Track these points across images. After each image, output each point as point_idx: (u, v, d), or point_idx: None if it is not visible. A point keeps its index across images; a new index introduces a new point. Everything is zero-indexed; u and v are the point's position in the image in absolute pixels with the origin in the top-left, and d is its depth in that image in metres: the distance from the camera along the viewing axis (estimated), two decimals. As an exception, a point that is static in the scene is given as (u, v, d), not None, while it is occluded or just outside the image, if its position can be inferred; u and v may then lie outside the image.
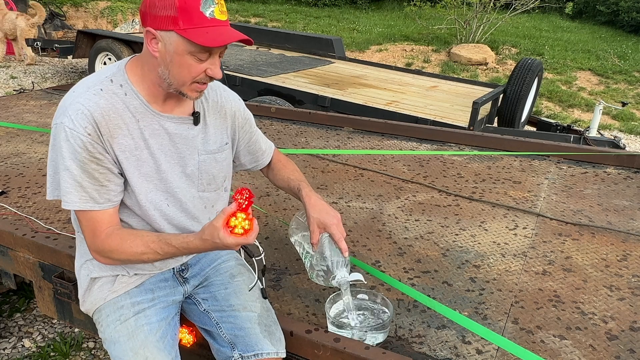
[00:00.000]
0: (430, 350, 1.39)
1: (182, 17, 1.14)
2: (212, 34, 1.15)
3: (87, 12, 11.82)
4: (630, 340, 1.45)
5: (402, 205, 2.27)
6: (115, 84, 1.24)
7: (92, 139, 1.19)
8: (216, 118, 1.41)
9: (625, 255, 1.89)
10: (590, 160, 2.83)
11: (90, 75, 1.29)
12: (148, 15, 1.17)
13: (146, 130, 1.27)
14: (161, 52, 1.18)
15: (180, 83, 1.21)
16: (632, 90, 8.55)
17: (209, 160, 1.39)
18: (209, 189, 1.42)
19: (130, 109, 1.24)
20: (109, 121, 1.21)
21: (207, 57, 1.19)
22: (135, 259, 1.27)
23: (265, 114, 3.58)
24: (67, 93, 1.26)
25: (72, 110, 1.19)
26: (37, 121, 3.32)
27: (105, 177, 1.23)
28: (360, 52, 10.23)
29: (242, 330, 1.33)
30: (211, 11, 1.16)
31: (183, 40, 1.15)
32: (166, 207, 1.34)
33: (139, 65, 1.26)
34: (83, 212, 1.24)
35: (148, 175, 1.29)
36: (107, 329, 1.32)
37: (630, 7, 12.47)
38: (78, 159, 1.19)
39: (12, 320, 2.62)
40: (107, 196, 1.25)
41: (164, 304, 1.37)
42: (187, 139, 1.33)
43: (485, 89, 5.40)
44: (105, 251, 1.26)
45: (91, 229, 1.25)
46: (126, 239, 1.25)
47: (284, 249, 1.87)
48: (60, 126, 1.19)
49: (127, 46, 6.66)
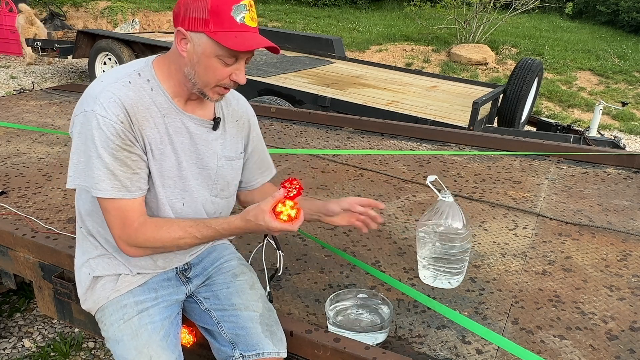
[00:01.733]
0: (430, 350, 1.39)
1: (213, 20, 1.16)
2: (241, 39, 1.18)
3: (87, 12, 11.82)
4: (630, 340, 1.45)
5: (402, 205, 2.27)
6: (143, 78, 1.26)
7: (124, 127, 1.20)
8: (234, 127, 1.44)
9: (625, 255, 1.89)
10: (590, 160, 2.83)
11: (116, 68, 1.30)
12: (180, 16, 1.20)
13: (170, 126, 1.29)
14: (189, 52, 1.21)
15: (204, 84, 1.24)
16: (632, 90, 8.55)
17: (226, 167, 1.41)
18: (222, 195, 1.44)
19: (157, 104, 1.26)
20: (137, 112, 1.22)
21: (234, 62, 1.22)
22: (171, 244, 1.27)
23: (265, 114, 3.58)
24: (94, 83, 1.26)
25: (104, 98, 1.19)
26: (37, 121, 3.32)
27: (137, 164, 1.24)
28: (360, 52, 10.23)
29: (244, 330, 1.33)
30: (242, 17, 1.18)
31: (212, 42, 1.18)
32: (181, 206, 1.35)
33: (166, 63, 1.28)
34: (113, 201, 1.22)
35: (169, 171, 1.31)
36: (110, 327, 1.32)
37: (630, 7, 12.47)
38: (110, 146, 1.19)
39: (12, 320, 2.62)
40: (139, 184, 1.25)
41: (167, 303, 1.37)
42: (207, 142, 1.35)
43: (485, 89, 5.41)
44: (138, 241, 1.25)
45: (121, 219, 1.24)
46: (162, 226, 1.26)
47: (284, 249, 1.87)
48: (91, 114, 1.19)
49: (127, 46, 6.66)
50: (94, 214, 1.33)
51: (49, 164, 2.61)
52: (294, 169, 2.66)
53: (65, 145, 2.89)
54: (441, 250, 1.62)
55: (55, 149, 2.82)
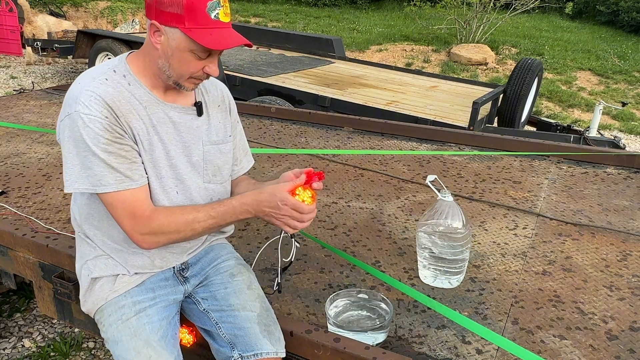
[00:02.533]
0: (430, 350, 1.39)
1: (188, 16, 1.17)
2: (216, 37, 1.19)
3: (87, 12, 11.82)
4: (630, 340, 1.45)
5: (402, 205, 2.27)
6: (119, 74, 1.27)
7: (109, 121, 1.20)
8: (218, 111, 1.45)
9: (625, 255, 1.89)
10: (590, 160, 2.83)
11: (90, 69, 1.31)
12: (154, 9, 1.20)
13: (153, 117, 1.30)
14: (163, 45, 1.22)
15: (178, 76, 1.26)
16: (632, 90, 8.55)
17: (213, 151, 1.42)
18: (215, 180, 1.44)
19: (136, 97, 1.27)
20: (120, 105, 1.23)
21: (207, 55, 1.24)
22: (185, 227, 1.27)
23: (265, 114, 3.58)
24: (72, 86, 1.27)
25: (85, 97, 1.20)
26: (37, 121, 3.32)
27: (131, 154, 1.25)
28: (360, 52, 10.23)
29: (242, 330, 1.33)
30: (216, 13, 1.20)
31: (186, 38, 1.19)
32: (175, 194, 1.35)
33: (140, 58, 1.30)
34: (118, 194, 1.23)
35: (159, 160, 1.31)
36: (109, 328, 1.32)
37: (630, 7, 12.47)
38: (101, 142, 1.19)
39: (12, 320, 2.62)
40: (140, 172, 1.26)
41: (165, 302, 1.37)
42: (191, 129, 1.36)
43: (485, 89, 5.41)
44: (152, 229, 1.26)
45: (130, 212, 1.24)
46: (174, 210, 1.29)
47: (284, 249, 1.87)
48: (75, 115, 1.20)
49: (127, 46, 6.66)
50: (90, 216, 1.34)
51: (49, 164, 2.61)
52: (294, 169, 2.65)
53: (65, 145, 2.89)
54: (441, 250, 1.62)
55: (55, 149, 2.82)
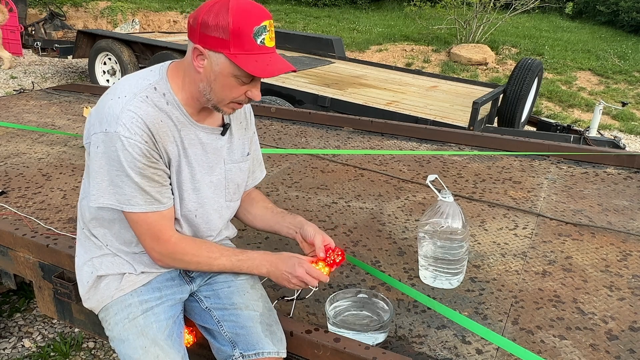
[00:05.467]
0: (430, 350, 1.39)
1: (234, 42, 1.16)
2: (262, 63, 1.18)
3: (87, 12, 11.82)
4: (630, 340, 1.45)
5: (402, 205, 2.27)
6: (159, 92, 1.26)
7: (148, 146, 1.21)
8: (239, 129, 1.45)
9: (625, 255, 1.89)
10: (590, 160, 2.83)
11: (131, 80, 1.28)
12: (198, 33, 1.18)
13: (185, 139, 1.30)
14: (206, 69, 1.21)
15: (219, 100, 1.25)
16: (632, 90, 8.55)
17: (234, 170, 1.43)
18: (234, 198, 1.48)
19: (173, 118, 1.27)
20: (159, 129, 1.23)
21: (250, 80, 1.23)
22: (204, 263, 1.35)
23: (265, 114, 3.58)
24: (111, 98, 1.23)
25: (126, 119, 1.19)
26: (37, 121, 3.32)
27: (163, 178, 1.27)
28: (360, 52, 10.23)
29: (244, 329, 1.33)
30: (262, 39, 1.18)
31: (231, 64, 1.18)
32: (194, 217, 1.38)
33: (180, 76, 1.28)
34: (145, 215, 1.26)
35: (184, 183, 1.33)
36: (115, 327, 1.32)
37: (630, 7, 12.47)
38: (137, 166, 1.21)
39: (12, 320, 2.62)
40: (168, 194, 1.30)
41: (171, 302, 1.37)
42: (216, 149, 1.37)
43: (485, 89, 5.41)
44: (174, 255, 1.31)
45: (154, 234, 1.28)
46: (200, 245, 1.35)
47: (284, 249, 1.87)
48: (114, 135, 1.19)
49: (127, 46, 6.66)
50: (100, 217, 1.34)
51: (49, 164, 2.61)
52: (294, 169, 2.66)
53: (65, 145, 2.89)
54: (441, 250, 1.62)
55: (55, 149, 2.82)
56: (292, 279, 1.32)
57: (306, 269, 1.32)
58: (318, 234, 1.41)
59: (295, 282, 1.33)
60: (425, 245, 1.65)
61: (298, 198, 2.31)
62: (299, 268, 1.32)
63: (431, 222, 1.62)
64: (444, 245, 1.61)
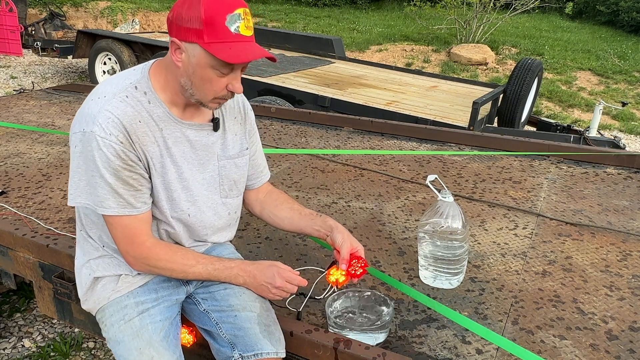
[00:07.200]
0: (430, 350, 1.38)
1: (207, 31, 1.15)
2: (235, 50, 1.16)
3: (87, 12, 11.82)
4: (630, 340, 1.45)
5: (402, 205, 2.27)
6: (140, 91, 1.25)
7: (124, 147, 1.20)
8: (234, 124, 1.44)
9: (625, 255, 1.89)
10: (590, 160, 2.83)
11: (113, 79, 1.28)
12: (174, 25, 1.19)
13: (169, 138, 1.29)
14: (184, 63, 1.20)
15: (202, 96, 1.24)
16: (632, 90, 8.55)
17: (229, 166, 1.42)
18: (232, 194, 1.45)
19: (154, 117, 1.26)
20: (137, 129, 1.22)
21: (229, 71, 1.21)
22: (179, 270, 1.32)
23: (265, 114, 3.58)
24: (91, 97, 1.25)
25: (103, 119, 1.19)
26: (37, 121, 3.32)
27: (139, 182, 1.25)
28: (360, 52, 10.23)
29: (242, 330, 1.33)
30: (236, 26, 1.16)
31: (206, 54, 1.17)
32: (187, 217, 1.37)
33: (162, 73, 1.28)
34: (119, 218, 1.25)
35: (171, 183, 1.31)
36: (110, 328, 1.32)
37: (630, 7, 12.47)
38: (112, 167, 1.20)
39: (12, 320, 2.62)
40: (143, 199, 1.27)
41: (167, 303, 1.37)
42: (206, 146, 1.36)
43: (485, 89, 5.41)
44: (148, 260, 1.29)
45: (127, 236, 1.27)
46: (177, 251, 1.33)
47: (284, 249, 1.87)
48: (90, 135, 1.19)
49: (127, 46, 6.66)
50: (96, 219, 1.34)
51: (49, 164, 2.61)
52: (294, 169, 2.66)
53: (65, 145, 2.89)
54: (441, 250, 1.62)
55: (55, 149, 2.82)
56: (271, 289, 1.33)
57: (286, 277, 1.31)
58: (346, 242, 1.40)
59: (275, 292, 1.33)
60: (425, 246, 1.65)
61: (298, 198, 2.30)
62: (278, 279, 1.31)
63: (431, 222, 1.62)
64: (444, 245, 1.61)
